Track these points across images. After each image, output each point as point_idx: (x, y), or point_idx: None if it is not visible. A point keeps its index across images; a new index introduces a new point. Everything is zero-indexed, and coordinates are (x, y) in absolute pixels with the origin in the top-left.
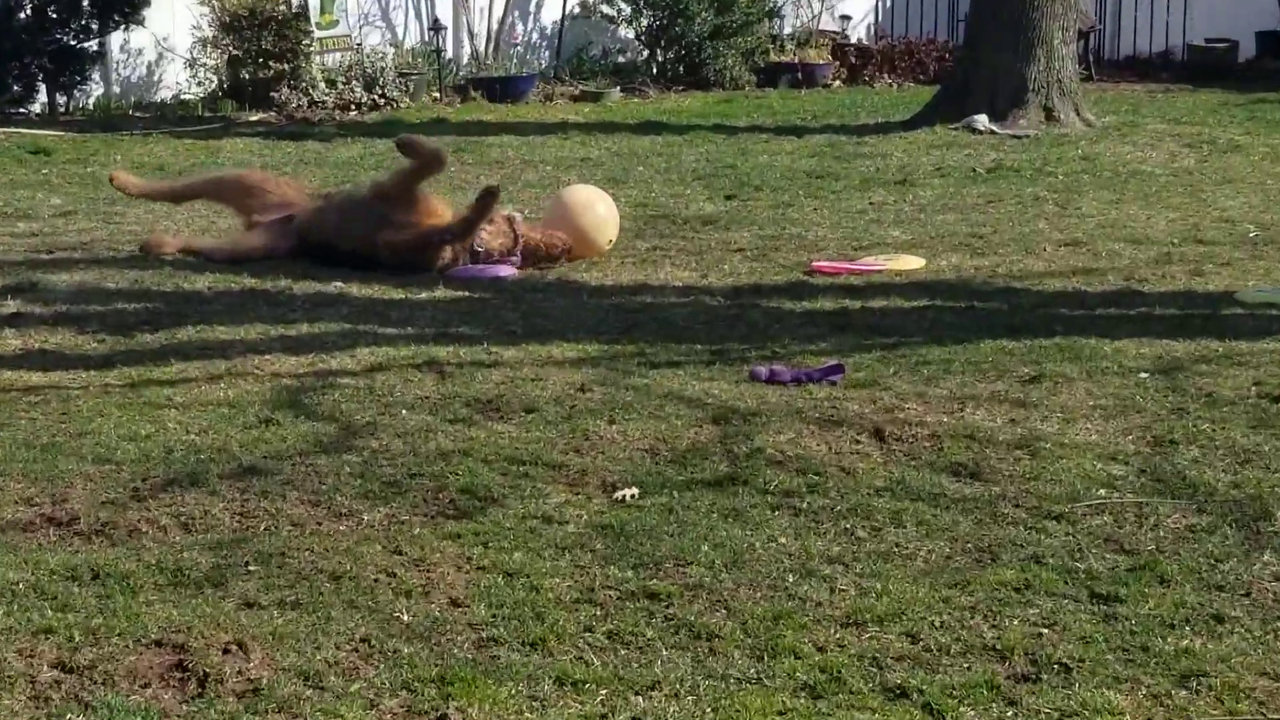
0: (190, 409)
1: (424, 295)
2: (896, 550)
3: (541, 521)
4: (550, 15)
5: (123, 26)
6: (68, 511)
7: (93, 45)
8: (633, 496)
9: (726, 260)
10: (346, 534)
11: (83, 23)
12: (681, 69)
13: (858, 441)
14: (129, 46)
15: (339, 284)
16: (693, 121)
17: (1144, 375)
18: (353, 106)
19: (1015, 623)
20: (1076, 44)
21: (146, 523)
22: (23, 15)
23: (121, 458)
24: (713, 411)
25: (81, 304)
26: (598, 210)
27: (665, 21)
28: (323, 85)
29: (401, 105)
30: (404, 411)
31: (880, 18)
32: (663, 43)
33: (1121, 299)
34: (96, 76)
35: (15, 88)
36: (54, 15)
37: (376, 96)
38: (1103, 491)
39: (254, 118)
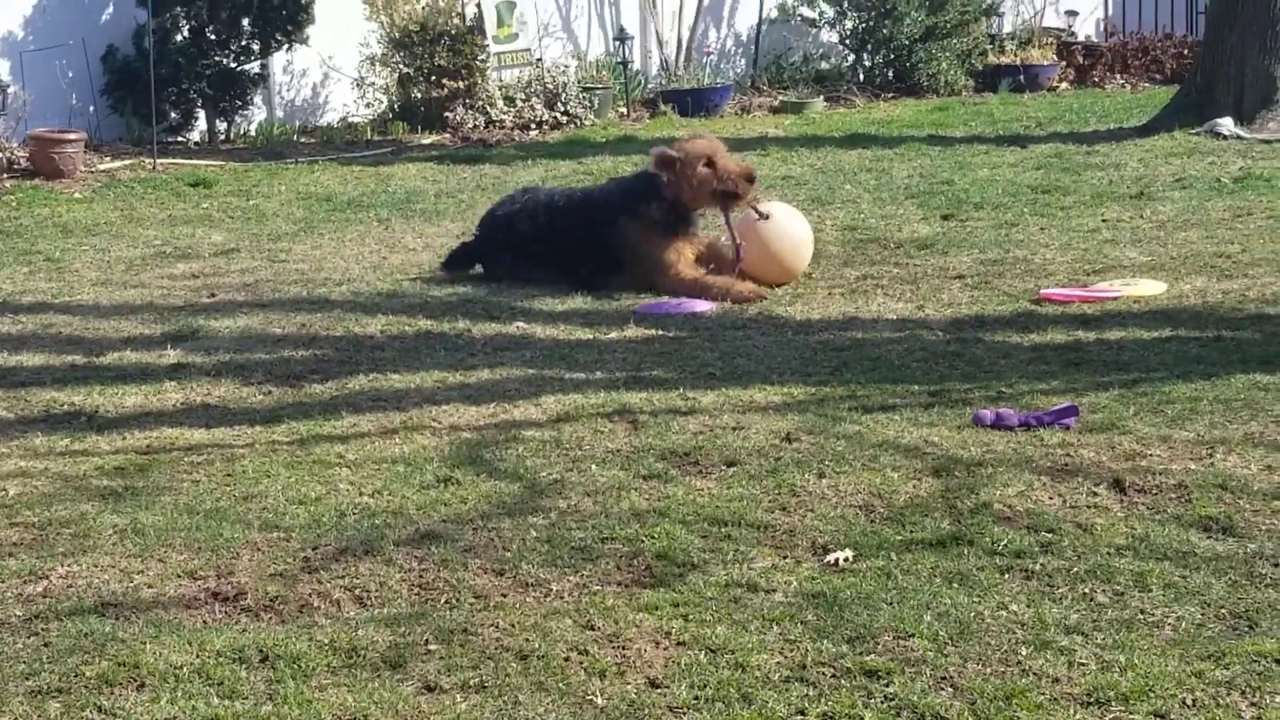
0: (363, 467)
1: (613, 335)
2: (1141, 618)
3: (746, 590)
4: (746, 20)
5: (285, 46)
6: (234, 585)
7: (254, 67)
8: (846, 560)
9: (944, 289)
10: (534, 606)
11: (243, 43)
12: (891, 74)
13: (1095, 494)
14: (292, 67)
15: (521, 323)
16: (904, 132)
17: None
18: (533, 125)
19: (1279, 699)
20: None
21: (318, 596)
22: (179, 38)
23: (290, 524)
24: (933, 462)
25: (246, 352)
26: (794, 234)
27: (872, 23)
28: (501, 103)
29: (586, 122)
30: (594, 467)
31: (1110, 12)
32: (869, 46)
33: None
34: (258, 100)
35: (173, 115)
36: (212, 36)
37: (559, 114)
38: None
39: (427, 140)
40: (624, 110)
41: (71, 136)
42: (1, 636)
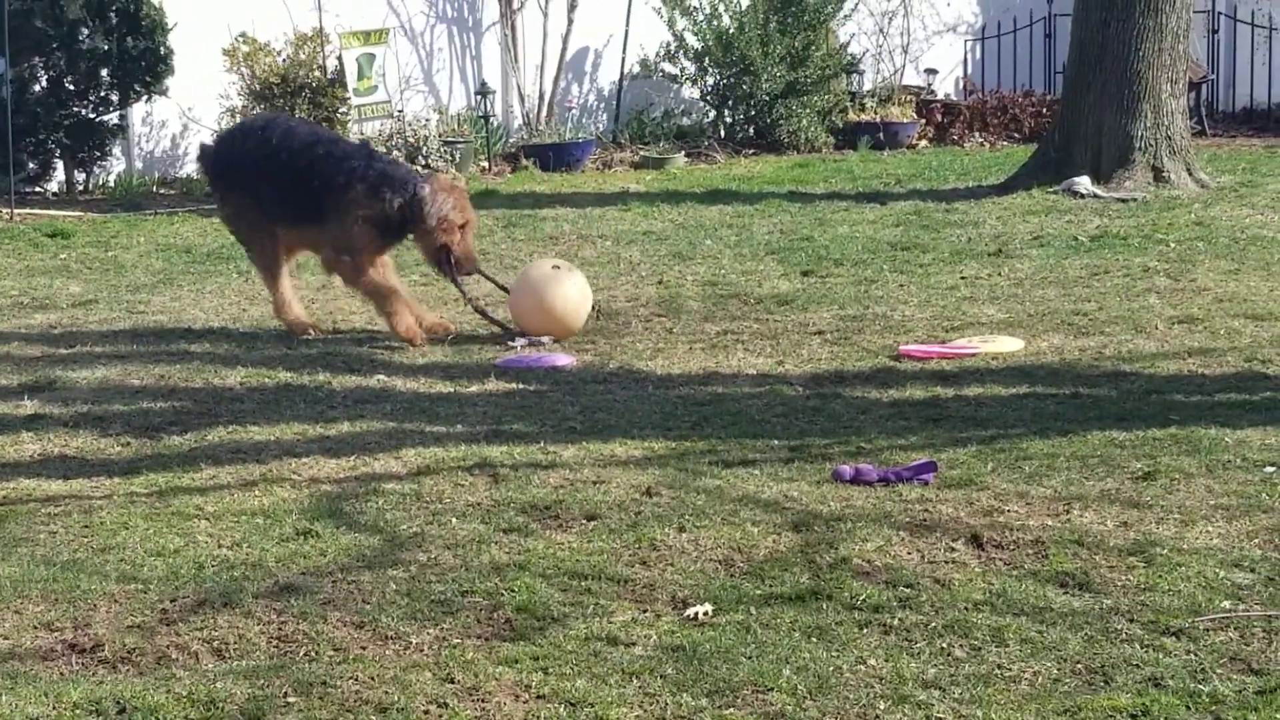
0: (222, 519)
1: (474, 389)
2: (998, 672)
3: (606, 643)
4: (608, 76)
5: (145, 97)
6: (91, 637)
7: (113, 118)
8: (706, 614)
9: (805, 344)
10: (393, 659)
11: (102, 94)
12: (752, 131)
13: (953, 549)
14: (151, 119)
15: (382, 377)
16: (765, 189)
17: (1270, 470)
18: None
19: None
20: (1187, 97)
21: (176, 649)
22: (37, 87)
23: (148, 575)
24: (793, 517)
25: (104, 403)
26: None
27: (733, 79)
28: None
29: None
30: (454, 520)
31: (969, 70)
32: (730, 102)
33: (1244, 383)
34: (117, 151)
35: (31, 165)
36: (71, 87)
37: (419, 167)
38: (1227, 603)
39: None
40: (485, 164)
41: None
42: None
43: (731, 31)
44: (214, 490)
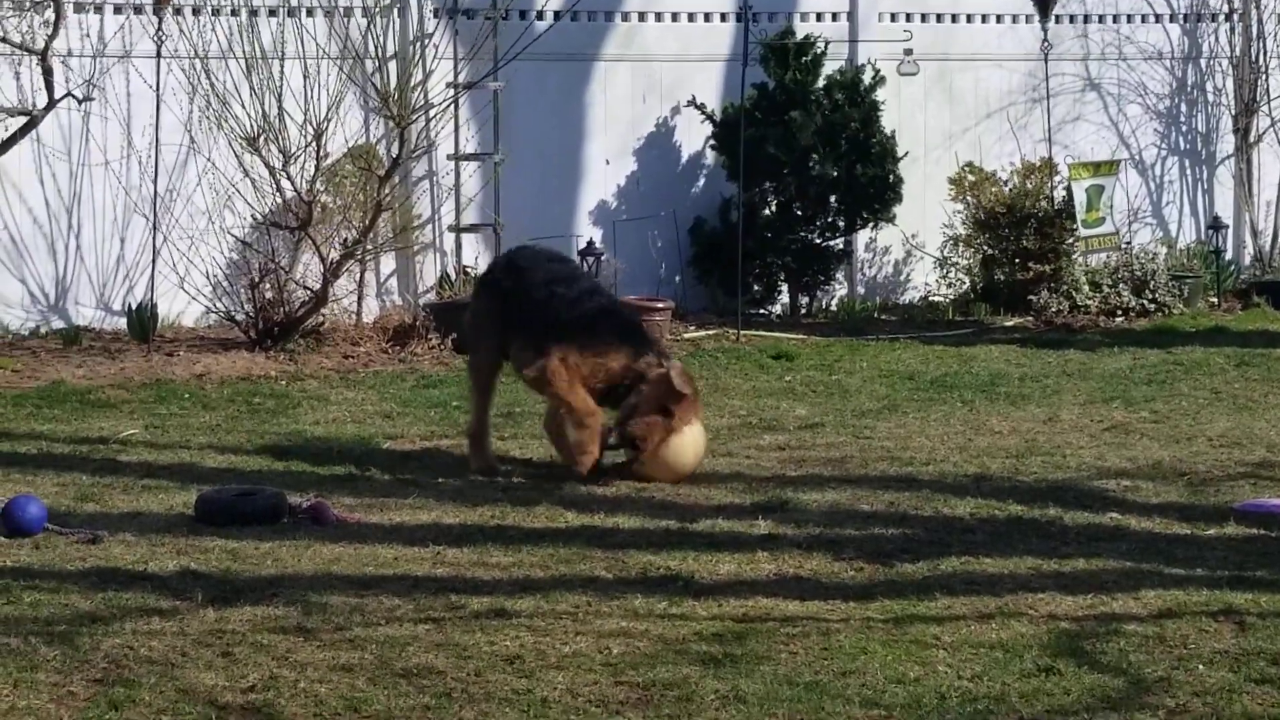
0: (960, 650)
1: (1211, 532)
2: None
3: None
4: None
5: (871, 224)
6: None
7: (838, 243)
8: None
9: None
10: None
11: (829, 220)
12: None
13: None
14: (875, 245)
15: (1115, 514)
16: None
17: None
18: (1119, 312)
19: None
20: None
21: None
22: (766, 212)
23: (890, 702)
24: None
25: (835, 527)
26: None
27: None
28: (1087, 288)
29: (1174, 311)
30: (1200, 666)
31: None
32: None
33: None
34: (840, 276)
35: (756, 287)
36: (799, 212)
37: (1146, 301)
38: None
39: (1009, 322)
40: (1214, 300)
41: (660, 305)
42: None
43: None
44: (950, 620)
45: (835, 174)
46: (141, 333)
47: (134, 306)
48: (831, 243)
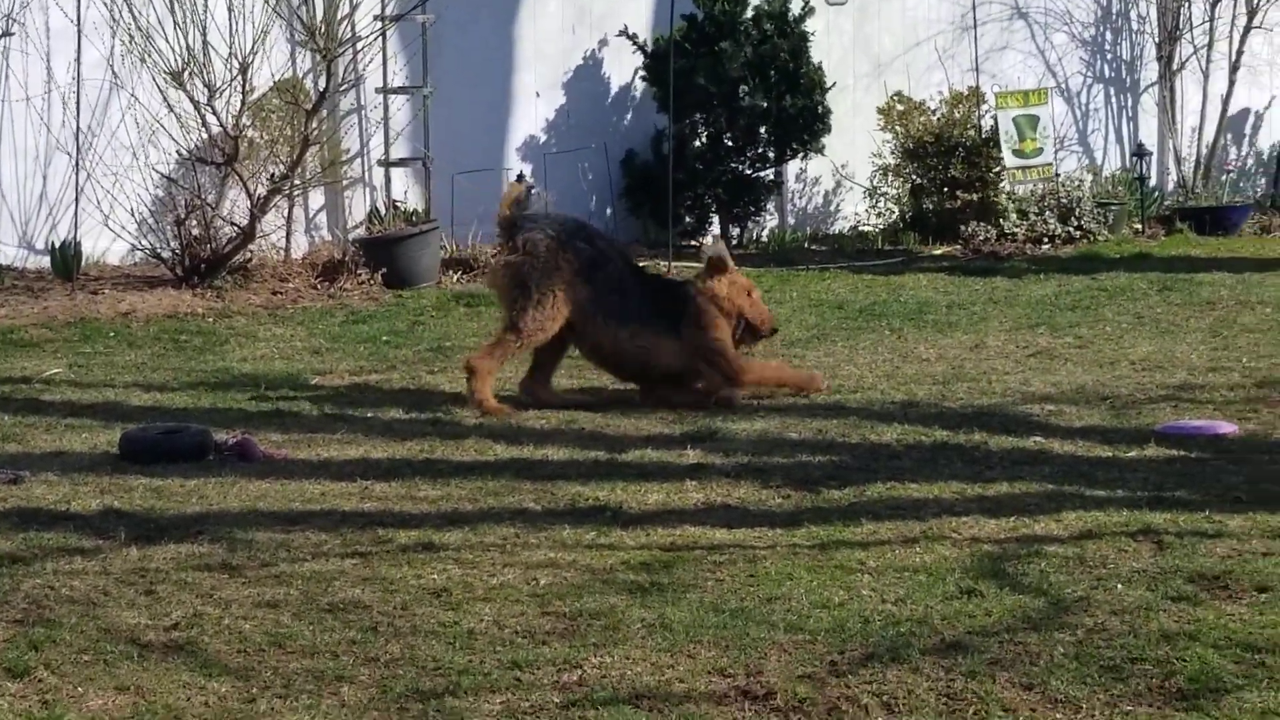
0: (885, 575)
1: (1133, 454)
2: None
3: None
4: (1268, 139)
5: (800, 155)
6: (763, 685)
7: (769, 174)
8: None
9: None
10: None
11: (759, 151)
12: None
13: None
14: (805, 175)
15: (1039, 438)
16: None
17: None
18: (1046, 239)
19: None
20: None
21: (846, 700)
22: (697, 144)
23: (815, 627)
24: None
25: (764, 455)
26: None
27: None
28: (1014, 216)
29: (1099, 238)
30: (1119, 586)
31: None
32: None
33: None
34: (771, 207)
35: (688, 219)
36: (729, 143)
37: (1072, 228)
38: None
39: (938, 251)
40: (1139, 226)
41: None
42: None
43: None
44: (875, 545)
45: (765, 105)
46: (65, 271)
47: (57, 245)
48: (762, 174)
